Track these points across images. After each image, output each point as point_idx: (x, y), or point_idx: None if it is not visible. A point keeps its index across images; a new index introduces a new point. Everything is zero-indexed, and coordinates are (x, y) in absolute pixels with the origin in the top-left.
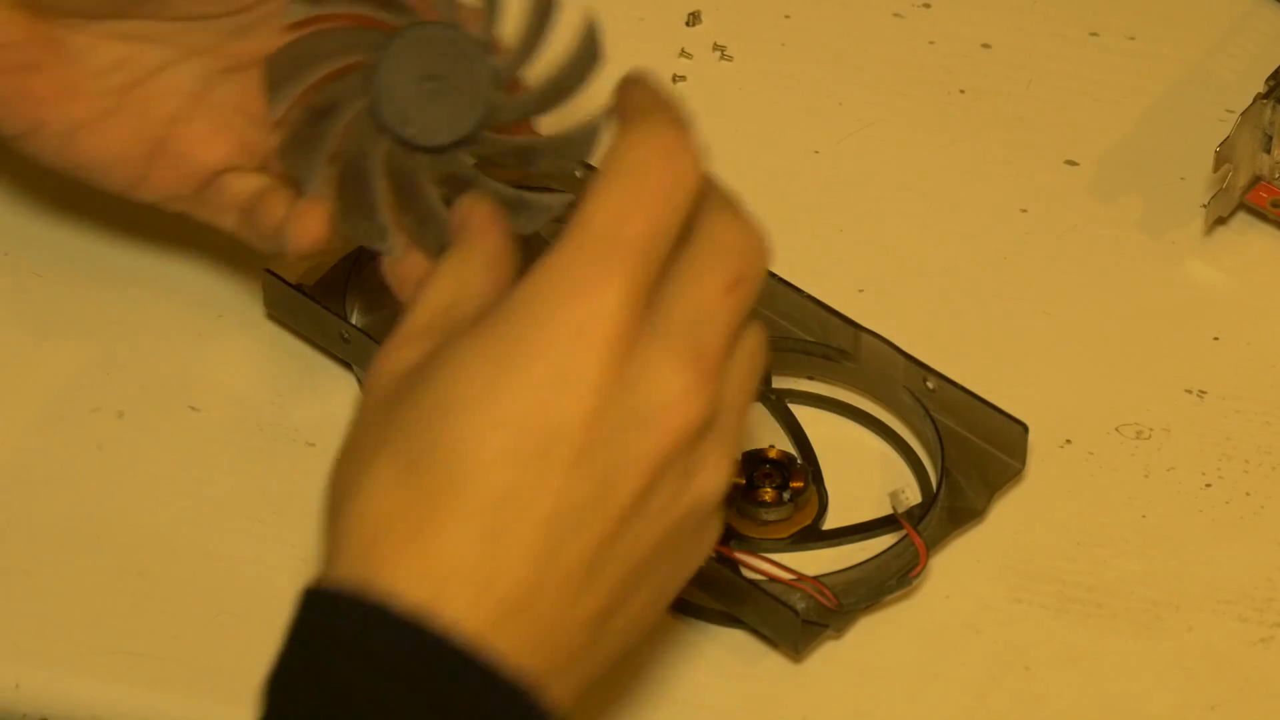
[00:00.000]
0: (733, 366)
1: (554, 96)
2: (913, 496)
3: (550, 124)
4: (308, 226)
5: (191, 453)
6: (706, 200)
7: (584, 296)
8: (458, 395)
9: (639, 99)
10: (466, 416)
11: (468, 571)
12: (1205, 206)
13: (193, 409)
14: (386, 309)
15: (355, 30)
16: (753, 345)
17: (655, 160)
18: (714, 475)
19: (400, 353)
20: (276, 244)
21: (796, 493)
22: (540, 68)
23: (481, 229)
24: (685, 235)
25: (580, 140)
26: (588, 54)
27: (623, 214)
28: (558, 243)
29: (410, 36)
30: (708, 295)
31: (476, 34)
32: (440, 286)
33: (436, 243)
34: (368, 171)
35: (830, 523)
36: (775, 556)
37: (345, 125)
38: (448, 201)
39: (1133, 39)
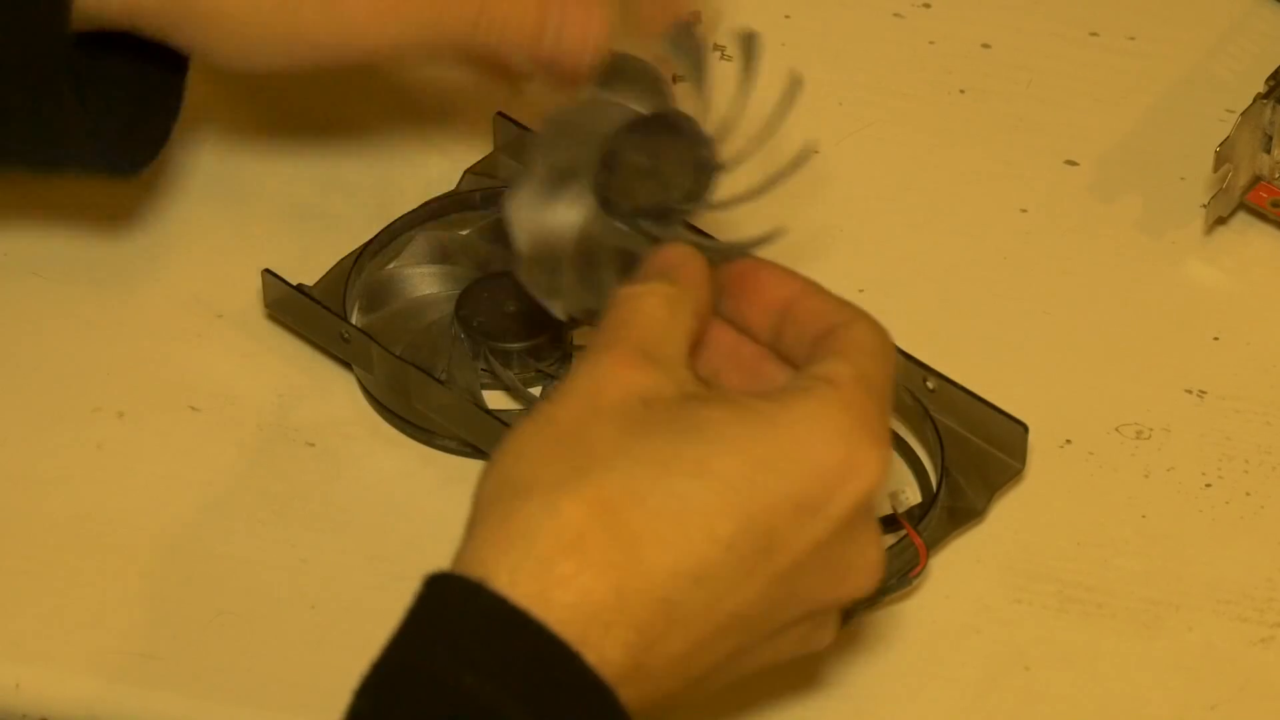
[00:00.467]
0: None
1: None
2: (913, 496)
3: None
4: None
5: (191, 453)
6: (843, 321)
7: (862, 445)
8: (712, 469)
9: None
10: (714, 493)
11: (645, 621)
12: (1205, 206)
13: (193, 409)
14: (386, 309)
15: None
16: None
17: (889, 348)
18: (825, 632)
19: (625, 372)
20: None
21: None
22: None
23: (698, 280)
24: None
25: (749, 248)
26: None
27: (884, 384)
28: (836, 377)
29: (651, 118)
30: None
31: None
32: (655, 308)
33: (596, 308)
34: (562, 236)
35: None
36: None
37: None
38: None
39: (1133, 39)
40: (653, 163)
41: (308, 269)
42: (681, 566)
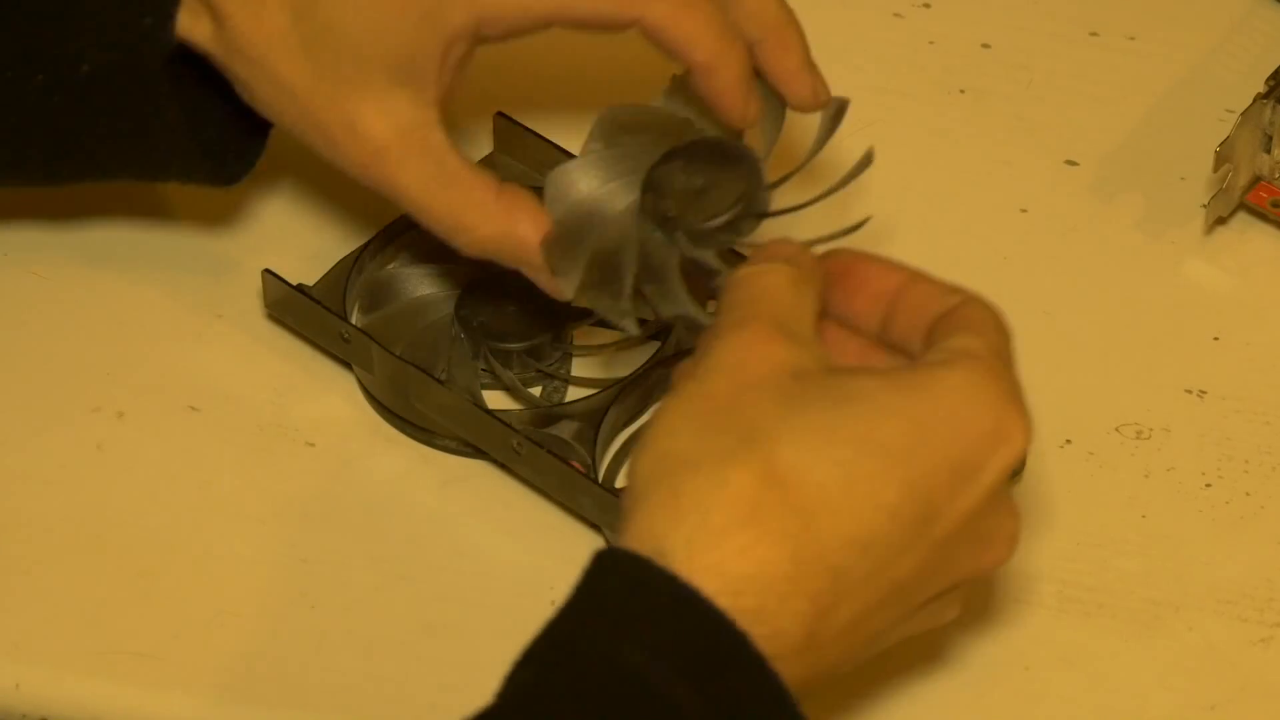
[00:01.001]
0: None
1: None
2: None
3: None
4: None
5: (191, 453)
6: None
7: (1009, 413)
8: (876, 440)
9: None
10: (880, 462)
11: (818, 590)
12: (1205, 206)
13: (193, 409)
14: (386, 309)
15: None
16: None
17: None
18: (954, 607)
19: (765, 347)
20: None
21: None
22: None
23: (813, 267)
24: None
25: (837, 238)
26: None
27: (1010, 356)
28: (976, 350)
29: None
30: None
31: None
32: (780, 286)
33: (673, 314)
34: (624, 256)
35: None
36: None
37: (611, 219)
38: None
39: (1133, 39)
40: (703, 183)
41: (308, 269)
42: (852, 534)
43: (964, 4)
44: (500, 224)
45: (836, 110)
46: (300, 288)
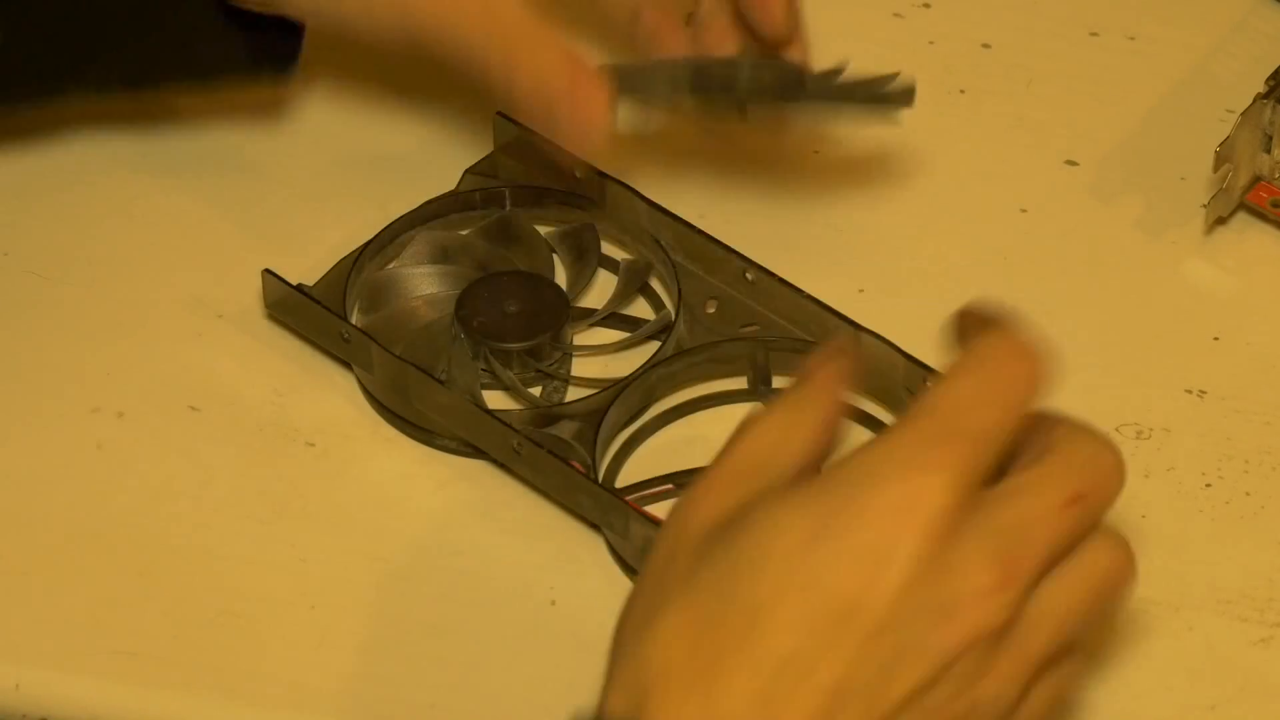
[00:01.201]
0: (1062, 580)
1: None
2: None
3: None
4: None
5: (191, 453)
6: (1063, 421)
7: (915, 476)
8: (772, 551)
9: (992, 315)
10: (774, 578)
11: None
12: (1205, 206)
13: (193, 409)
14: (386, 309)
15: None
16: (1099, 566)
17: (1008, 360)
18: (998, 686)
19: (712, 497)
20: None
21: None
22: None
23: (826, 387)
24: (1041, 447)
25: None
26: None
27: (967, 404)
28: (899, 420)
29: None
30: (1041, 505)
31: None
32: (765, 430)
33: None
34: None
35: None
36: None
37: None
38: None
39: (1133, 39)
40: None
41: (308, 269)
42: (761, 659)
43: (964, 4)
44: (562, 62)
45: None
46: (300, 288)
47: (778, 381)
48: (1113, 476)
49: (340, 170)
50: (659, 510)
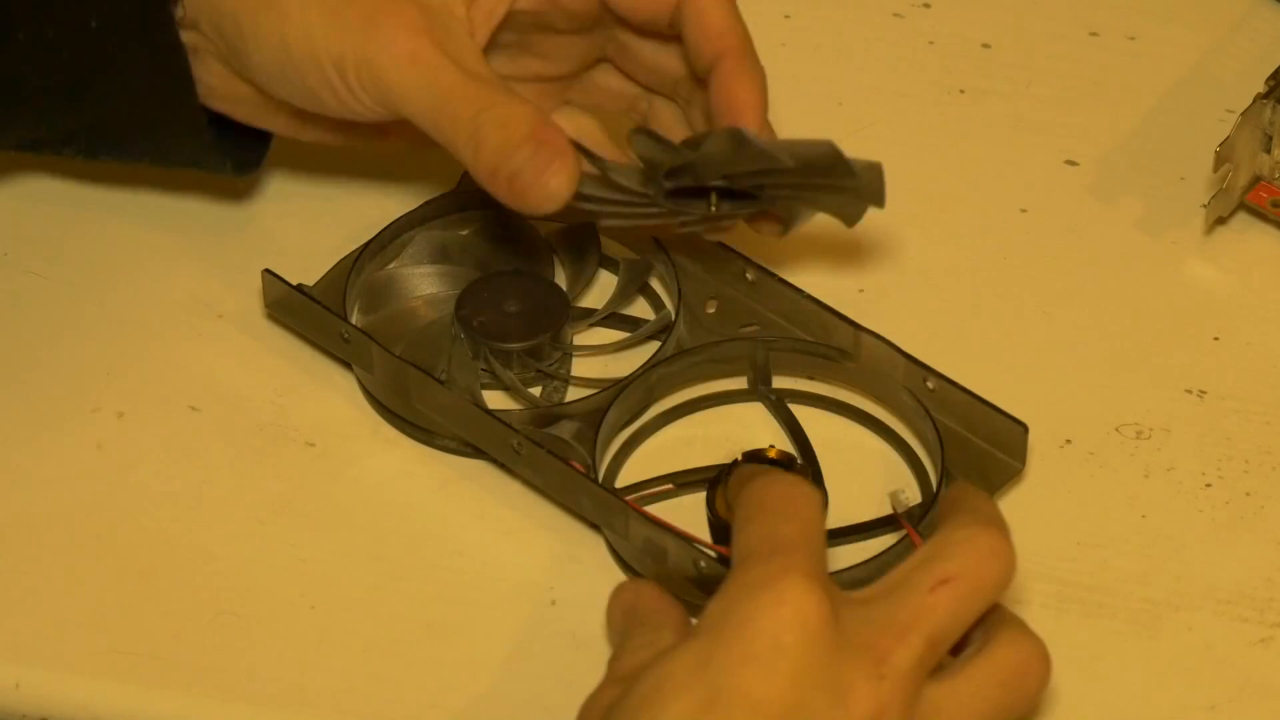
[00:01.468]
0: (966, 671)
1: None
2: (913, 496)
3: None
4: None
5: (191, 453)
6: (953, 516)
7: (770, 585)
8: (668, 689)
9: (969, 498)
10: (678, 704)
11: None
12: (1205, 206)
13: (193, 409)
14: (386, 309)
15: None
16: (1003, 659)
17: (778, 491)
18: None
19: (604, 693)
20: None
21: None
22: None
23: (658, 604)
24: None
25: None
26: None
27: (772, 527)
28: (730, 570)
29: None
30: (909, 592)
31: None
32: (640, 648)
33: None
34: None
35: (830, 523)
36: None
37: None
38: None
39: (1133, 39)
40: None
41: (308, 269)
42: None
43: (964, 4)
44: (529, 112)
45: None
46: (300, 288)
47: (778, 381)
48: (991, 558)
49: (340, 170)
50: (659, 510)
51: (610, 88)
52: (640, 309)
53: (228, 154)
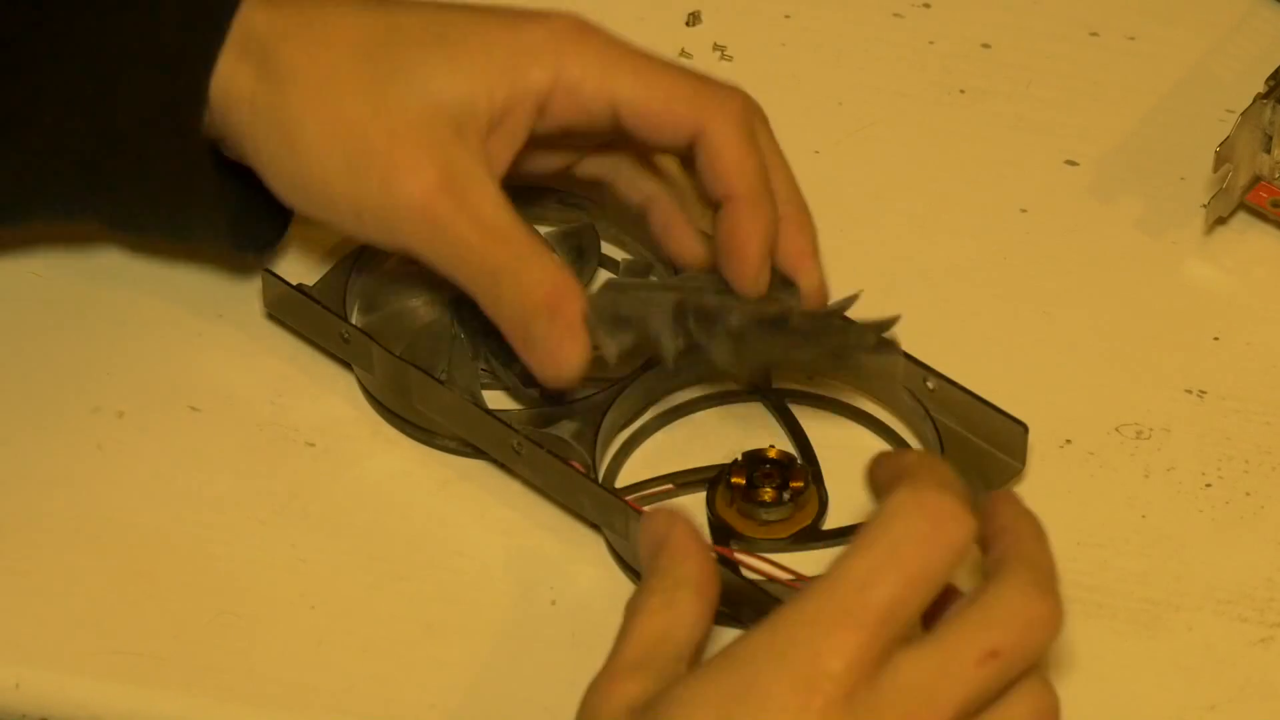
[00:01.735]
0: None
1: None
2: None
3: None
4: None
5: (191, 453)
6: (1006, 565)
7: (814, 656)
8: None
9: (914, 463)
10: None
11: None
12: (1205, 206)
13: (193, 409)
14: (386, 309)
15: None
16: (1021, 714)
17: (915, 524)
18: None
19: (617, 686)
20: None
21: (796, 493)
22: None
23: (686, 549)
24: (971, 596)
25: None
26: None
27: (876, 575)
28: (802, 592)
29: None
30: (952, 664)
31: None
32: (651, 614)
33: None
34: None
35: (830, 523)
36: (775, 556)
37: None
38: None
39: (1133, 39)
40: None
41: (308, 269)
42: None
43: (964, 4)
44: (547, 275)
45: (846, 302)
46: (300, 287)
47: (778, 381)
48: (1040, 629)
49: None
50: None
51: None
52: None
53: (247, 238)
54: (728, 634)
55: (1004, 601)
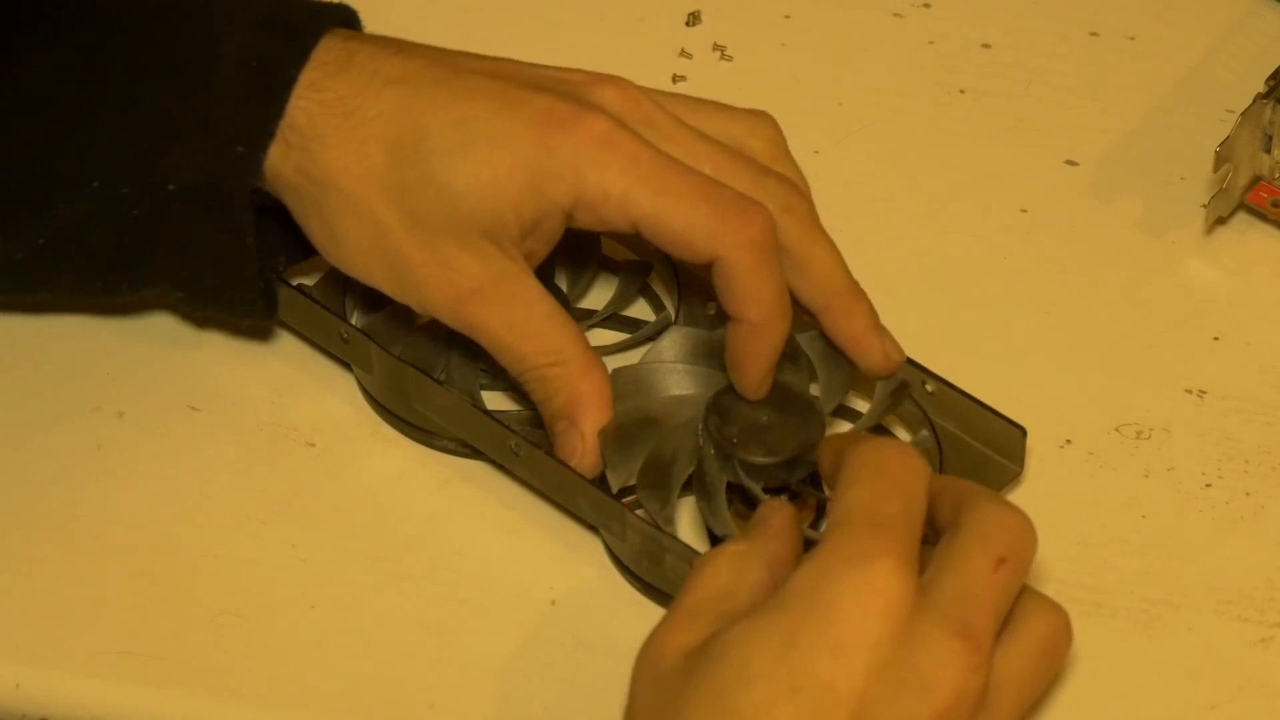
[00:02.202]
0: (1013, 646)
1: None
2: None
3: None
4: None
5: (191, 453)
6: (970, 494)
7: (862, 566)
8: (750, 673)
9: (852, 434)
10: (760, 689)
11: None
12: (1205, 206)
13: (193, 409)
14: (385, 309)
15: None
16: (1041, 630)
17: (890, 458)
18: None
19: (677, 633)
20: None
21: (794, 495)
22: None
23: (778, 531)
24: (952, 526)
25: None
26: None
27: (877, 498)
28: (826, 531)
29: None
30: (974, 573)
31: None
32: (719, 569)
33: (715, 530)
34: (677, 468)
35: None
36: None
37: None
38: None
39: (1133, 39)
40: (767, 420)
41: (308, 269)
42: None
43: (964, 4)
44: (571, 368)
45: (898, 387)
46: (300, 288)
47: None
48: (1025, 535)
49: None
50: None
51: None
52: (640, 310)
53: (268, 305)
54: None
55: (988, 519)
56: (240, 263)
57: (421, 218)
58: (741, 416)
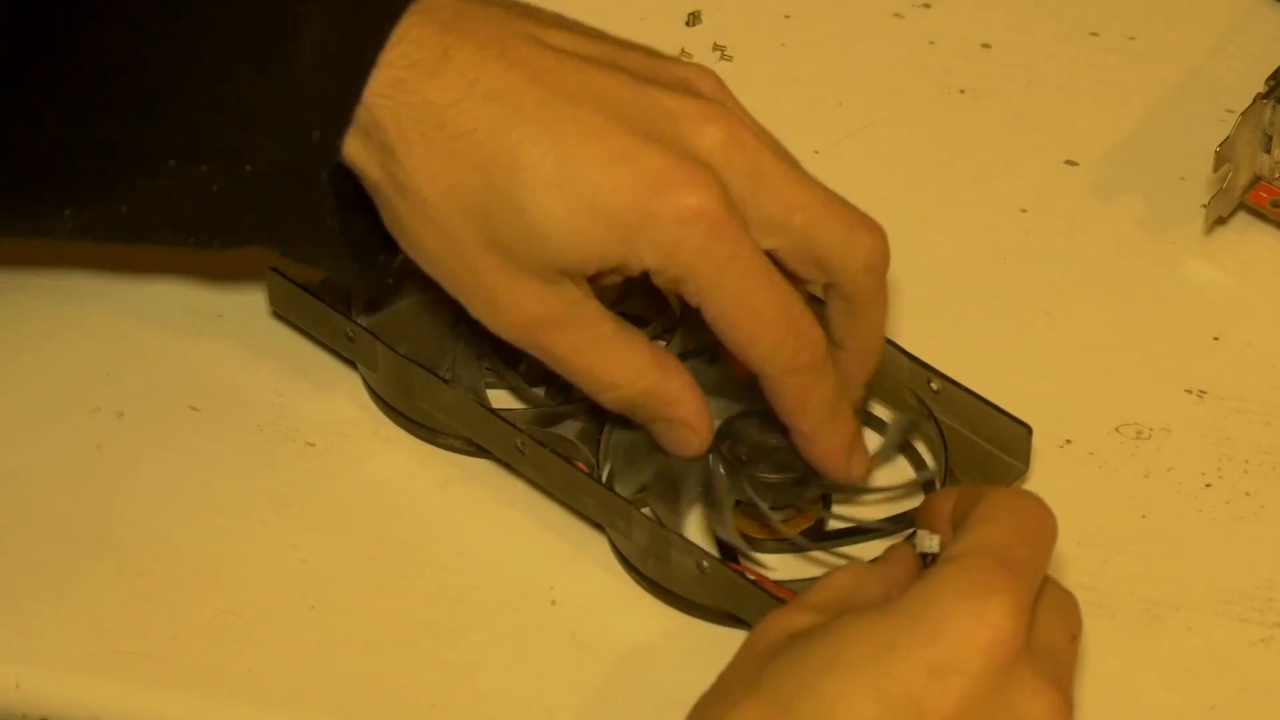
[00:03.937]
0: None
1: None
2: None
3: None
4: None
5: (191, 453)
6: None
7: (979, 598)
8: (842, 660)
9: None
10: (846, 678)
11: None
12: (1205, 206)
13: (193, 409)
14: (390, 307)
15: None
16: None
17: (1032, 508)
18: None
19: (793, 616)
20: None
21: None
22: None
23: (900, 559)
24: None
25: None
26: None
27: (1011, 539)
28: (953, 553)
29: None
30: (1061, 639)
31: None
32: (844, 576)
33: (720, 537)
34: (687, 482)
35: (834, 524)
36: (775, 558)
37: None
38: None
39: (1133, 39)
40: (776, 444)
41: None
42: None
43: (964, 4)
44: (651, 379)
45: (908, 425)
46: (306, 286)
47: None
48: (1080, 624)
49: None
50: None
51: None
52: (643, 309)
53: (363, 270)
54: (731, 635)
55: (1063, 595)
56: (327, 239)
57: (502, 244)
58: (751, 438)
